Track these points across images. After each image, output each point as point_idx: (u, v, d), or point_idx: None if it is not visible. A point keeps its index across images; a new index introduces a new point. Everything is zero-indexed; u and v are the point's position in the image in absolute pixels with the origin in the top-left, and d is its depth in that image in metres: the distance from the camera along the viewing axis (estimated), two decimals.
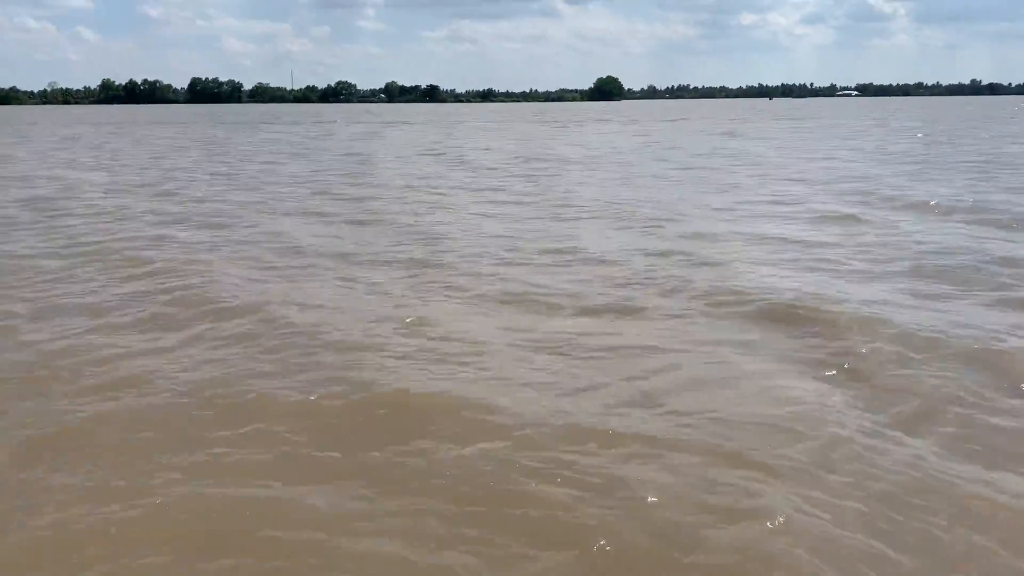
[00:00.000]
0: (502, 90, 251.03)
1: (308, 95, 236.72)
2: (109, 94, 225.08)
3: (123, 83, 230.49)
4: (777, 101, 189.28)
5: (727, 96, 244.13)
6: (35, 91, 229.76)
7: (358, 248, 12.15)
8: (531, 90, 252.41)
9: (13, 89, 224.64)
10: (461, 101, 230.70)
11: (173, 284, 9.77)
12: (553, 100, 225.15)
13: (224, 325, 8.02)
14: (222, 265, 10.90)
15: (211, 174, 25.12)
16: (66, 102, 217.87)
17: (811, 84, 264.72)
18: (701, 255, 11.22)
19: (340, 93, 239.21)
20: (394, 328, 7.86)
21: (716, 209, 15.89)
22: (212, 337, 7.65)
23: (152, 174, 24.96)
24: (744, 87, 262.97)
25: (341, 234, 13.59)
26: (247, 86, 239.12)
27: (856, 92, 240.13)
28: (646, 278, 9.96)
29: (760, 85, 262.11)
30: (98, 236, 13.32)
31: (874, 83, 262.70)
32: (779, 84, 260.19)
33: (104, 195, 19.39)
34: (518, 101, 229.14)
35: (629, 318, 8.30)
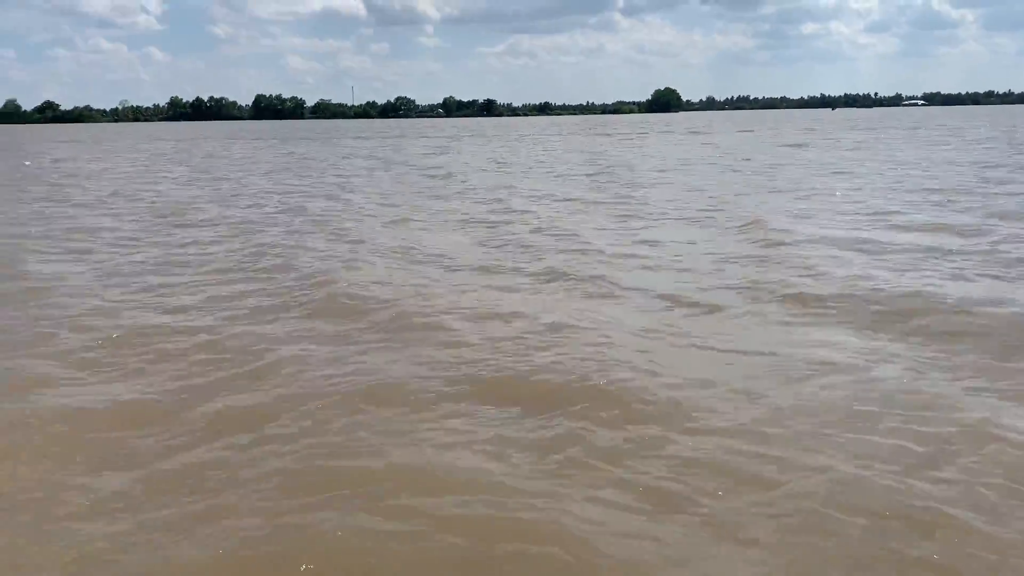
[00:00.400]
0: (559, 103, 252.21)
1: (368, 111, 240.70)
2: (177, 111, 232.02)
3: (190, 100, 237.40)
4: (840, 111, 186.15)
5: (788, 107, 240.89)
6: (107, 109, 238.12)
7: (470, 253, 12.66)
8: (588, 103, 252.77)
9: (87, 107, 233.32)
10: (518, 115, 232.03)
11: (313, 287, 10.38)
12: (610, 112, 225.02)
13: (373, 324, 8.52)
14: (356, 270, 11.54)
15: (307, 185, 26.15)
16: (136, 119, 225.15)
17: (875, 94, 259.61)
18: (808, 261, 11.36)
19: (399, 108, 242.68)
20: (531, 325, 8.31)
21: (805, 217, 15.94)
22: (361, 339, 8.10)
23: (247, 187, 26.02)
24: (806, 97, 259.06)
25: (452, 240, 14.15)
26: (309, 102, 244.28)
27: (923, 101, 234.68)
28: (754, 282, 10.20)
29: (822, 95, 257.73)
30: (228, 246, 14.07)
31: (941, 92, 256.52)
32: (842, 94, 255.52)
33: (215, 206, 20.31)
34: (575, 114, 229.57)
35: (747, 319, 8.54)
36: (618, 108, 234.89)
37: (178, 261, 12.71)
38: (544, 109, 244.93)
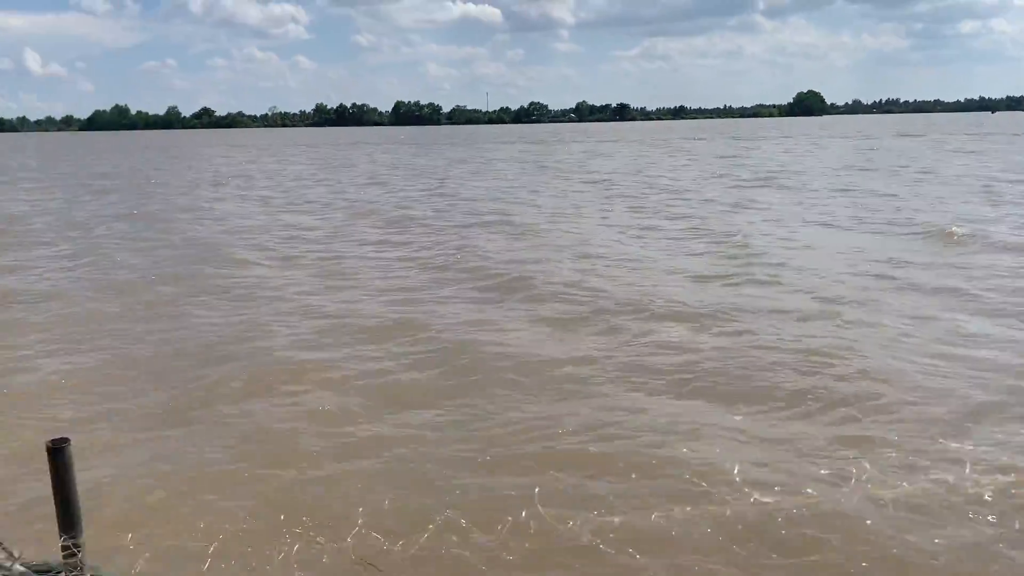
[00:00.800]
0: (694, 107, 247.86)
1: (502, 116, 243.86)
2: (321, 117, 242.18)
3: (334, 107, 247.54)
4: (1001, 115, 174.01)
5: (942, 110, 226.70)
6: (257, 115, 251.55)
7: (651, 253, 12.85)
8: (725, 106, 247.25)
9: (240, 113, 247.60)
10: (651, 119, 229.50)
11: (522, 286, 10.94)
12: (748, 116, 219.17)
13: (588, 318, 9.00)
14: (556, 268, 12.03)
15: (473, 187, 27.13)
16: (284, 125, 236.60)
17: None
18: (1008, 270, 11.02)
19: (532, 114, 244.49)
20: (752, 325, 8.51)
21: (993, 223, 15.25)
22: (582, 334, 8.59)
23: (415, 188, 27.06)
24: (962, 100, 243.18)
25: (628, 239, 14.39)
26: (445, 108, 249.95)
27: None
28: (962, 290, 10.05)
29: (981, 98, 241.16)
30: (424, 242, 14.94)
31: None
32: (1003, 96, 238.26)
33: (395, 208, 21.33)
34: (711, 117, 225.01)
35: (966, 325, 8.41)
36: (757, 112, 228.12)
37: (382, 260, 13.47)
38: (679, 113, 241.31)
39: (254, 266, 13.02)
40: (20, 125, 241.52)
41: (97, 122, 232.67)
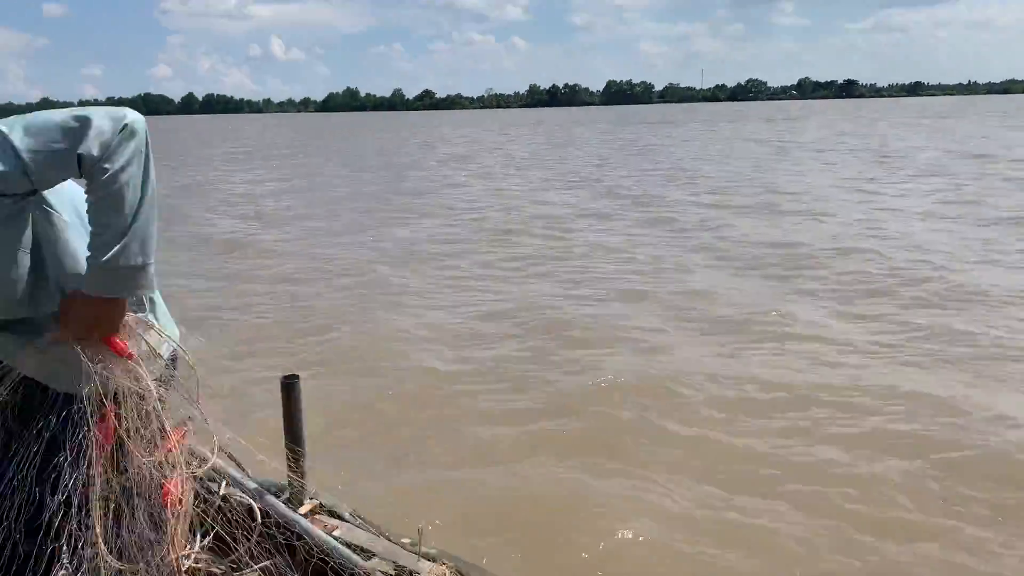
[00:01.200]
0: (932, 83, 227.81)
1: (717, 94, 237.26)
2: (534, 98, 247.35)
3: (546, 88, 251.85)
4: None
5: None
6: (474, 96, 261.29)
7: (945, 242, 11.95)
8: (969, 82, 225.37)
9: (458, 95, 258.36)
10: (882, 95, 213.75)
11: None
12: (996, 92, 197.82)
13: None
14: (838, 254, 11.45)
15: (716, 168, 26.35)
16: (498, 106, 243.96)
17: None
18: None
19: (749, 91, 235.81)
20: None
21: None
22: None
23: (660, 172, 26.95)
24: None
25: (928, 222, 13.46)
26: (657, 87, 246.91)
27: None
28: None
29: None
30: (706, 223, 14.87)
31: None
32: None
33: (659, 187, 21.43)
34: (952, 94, 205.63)
35: None
36: (1008, 87, 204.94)
37: (642, 238, 13.59)
38: (914, 89, 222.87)
39: (526, 236, 13.62)
40: (265, 107, 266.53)
41: (331, 104, 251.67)
